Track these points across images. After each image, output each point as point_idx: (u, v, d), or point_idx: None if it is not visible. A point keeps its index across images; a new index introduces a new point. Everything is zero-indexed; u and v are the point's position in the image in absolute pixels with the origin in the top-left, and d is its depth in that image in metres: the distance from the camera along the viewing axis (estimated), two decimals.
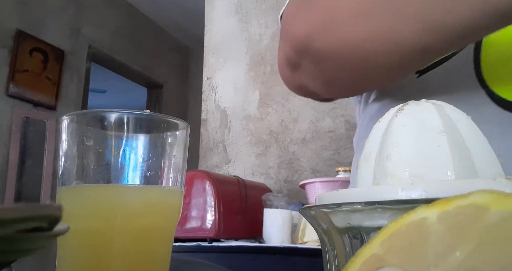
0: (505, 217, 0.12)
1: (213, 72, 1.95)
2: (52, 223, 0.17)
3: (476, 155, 0.24)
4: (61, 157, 0.31)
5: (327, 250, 0.24)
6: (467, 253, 0.13)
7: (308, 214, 0.24)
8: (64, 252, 0.30)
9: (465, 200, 0.14)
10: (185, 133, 0.33)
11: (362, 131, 0.49)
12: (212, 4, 2.04)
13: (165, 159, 0.32)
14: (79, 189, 0.31)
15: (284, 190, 1.71)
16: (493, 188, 0.14)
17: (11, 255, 0.16)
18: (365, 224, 0.21)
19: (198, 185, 1.26)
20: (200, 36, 2.19)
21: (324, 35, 0.36)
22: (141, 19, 3.80)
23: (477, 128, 0.26)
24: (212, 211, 1.22)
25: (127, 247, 0.29)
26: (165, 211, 0.32)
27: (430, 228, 0.14)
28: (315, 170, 1.67)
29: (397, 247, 0.14)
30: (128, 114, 0.31)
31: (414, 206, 0.15)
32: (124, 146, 0.31)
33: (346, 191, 0.24)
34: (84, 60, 3.15)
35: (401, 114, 0.26)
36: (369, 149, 0.27)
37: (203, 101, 1.97)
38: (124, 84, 3.97)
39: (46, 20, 2.88)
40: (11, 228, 0.15)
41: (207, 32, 2.01)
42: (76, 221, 0.27)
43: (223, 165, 1.85)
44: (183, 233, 1.23)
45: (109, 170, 0.30)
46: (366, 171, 0.27)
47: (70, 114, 0.31)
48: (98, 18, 3.31)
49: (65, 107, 2.90)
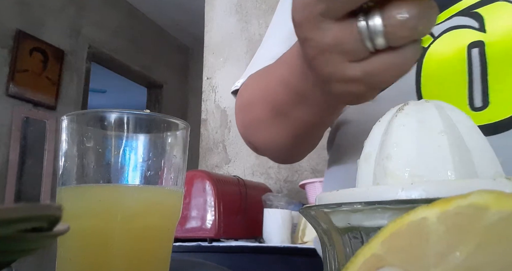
0: (505, 217, 0.12)
1: (213, 72, 1.95)
2: (52, 223, 0.17)
3: (476, 155, 0.24)
4: (61, 157, 0.31)
5: (327, 250, 0.24)
6: (467, 253, 0.13)
7: (308, 214, 0.24)
8: (64, 252, 0.30)
9: (465, 200, 0.14)
10: (185, 133, 0.33)
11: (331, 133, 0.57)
12: (212, 4, 2.04)
13: (165, 159, 0.32)
14: (79, 189, 0.31)
15: (284, 190, 1.71)
16: (493, 188, 0.14)
17: (11, 255, 0.16)
18: (365, 224, 0.21)
19: (198, 185, 1.26)
20: (200, 36, 2.19)
21: (252, 136, 0.52)
22: (141, 19, 3.80)
23: (477, 128, 0.26)
24: (212, 211, 1.22)
25: (127, 247, 0.29)
26: (165, 211, 0.32)
27: (430, 228, 0.14)
28: (315, 170, 1.67)
29: (397, 247, 0.14)
30: (128, 114, 0.31)
31: (414, 206, 0.15)
32: (124, 146, 0.31)
33: (346, 191, 0.24)
34: (84, 60, 3.15)
35: (401, 114, 0.26)
36: (369, 149, 0.27)
37: (203, 101, 1.97)
38: (124, 84, 3.97)
39: (46, 20, 2.88)
40: (11, 228, 0.15)
41: (207, 32, 2.01)
42: (76, 221, 0.27)
43: (223, 165, 1.85)
44: (183, 233, 1.23)
45: (109, 170, 0.30)
46: (366, 171, 0.27)
47: (70, 114, 0.31)
48: (98, 18, 3.31)
49: (65, 107, 2.90)
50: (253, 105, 0.51)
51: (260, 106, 0.48)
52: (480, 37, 0.40)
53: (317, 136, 0.49)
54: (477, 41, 0.40)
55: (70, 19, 3.06)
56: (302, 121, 0.42)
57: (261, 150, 0.53)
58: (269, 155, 0.55)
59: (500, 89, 0.38)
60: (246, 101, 0.53)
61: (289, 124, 0.45)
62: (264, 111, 0.47)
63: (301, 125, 0.43)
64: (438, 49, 0.42)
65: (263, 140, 0.51)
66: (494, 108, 0.37)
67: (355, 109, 0.50)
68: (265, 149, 0.52)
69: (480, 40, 0.40)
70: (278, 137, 0.47)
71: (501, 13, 0.40)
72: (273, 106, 0.45)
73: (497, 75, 0.38)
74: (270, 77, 0.47)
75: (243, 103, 0.54)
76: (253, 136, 0.52)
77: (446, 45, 0.42)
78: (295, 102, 0.41)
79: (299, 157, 0.56)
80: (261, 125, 0.49)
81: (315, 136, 0.48)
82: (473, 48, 0.40)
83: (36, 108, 2.75)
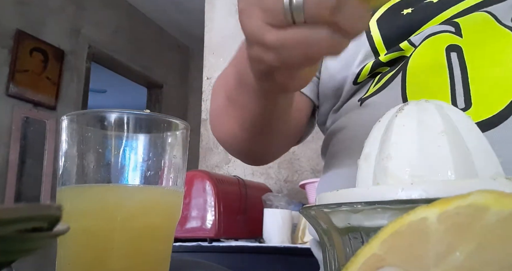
0: (505, 217, 0.12)
1: (213, 72, 1.95)
2: (52, 223, 0.17)
3: (476, 155, 0.24)
4: (61, 157, 0.31)
5: (327, 250, 0.24)
6: (467, 253, 0.13)
7: (308, 214, 0.24)
8: (64, 252, 0.30)
9: (465, 200, 0.14)
10: (185, 133, 0.33)
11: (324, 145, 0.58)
12: (212, 4, 2.04)
13: (165, 159, 0.32)
14: (79, 189, 0.31)
15: (284, 190, 1.71)
16: (493, 188, 0.14)
17: (11, 255, 0.16)
18: (365, 224, 0.21)
19: (198, 185, 1.26)
20: (200, 36, 2.19)
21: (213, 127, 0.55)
22: (141, 19, 3.80)
23: (477, 128, 0.26)
24: (212, 211, 1.22)
25: (127, 247, 0.29)
26: (165, 211, 0.32)
27: (430, 228, 0.14)
28: (315, 170, 1.67)
29: (397, 247, 0.14)
30: (128, 114, 0.31)
31: (414, 206, 0.15)
32: (124, 146, 0.31)
33: (346, 191, 0.24)
34: (84, 60, 3.15)
35: (401, 114, 0.26)
36: (369, 149, 0.27)
37: (203, 101, 1.97)
38: (124, 84, 3.97)
39: (46, 20, 2.87)
40: (11, 228, 0.15)
41: (207, 32, 2.01)
42: (76, 221, 0.27)
43: (223, 165, 1.85)
44: (183, 233, 1.23)
45: (109, 170, 0.30)
46: (366, 171, 0.27)
47: (70, 114, 0.31)
48: (98, 18, 3.31)
49: (65, 107, 2.90)
50: (215, 94, 0.54)
51: (220, 94, 0.51)
52: (457, 41, 0.42)
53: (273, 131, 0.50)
54: (455, 44, 0.42)
55: (70, 19, 3.06)
56: (248, 109, 0.44)
57: (222, 143, 0.56)
58: (231, 150, 0.56)
59: (481, 91, 0.39)
60: (213, 92, 0.56)
61: (239, 112, 0.46)
62: (222, 99, 0.50)
63: (248, 114, 0.45)
64: (420, 55, 0.44)
65: (219, 130, 0.53)
66: (476, 109, 0.39)
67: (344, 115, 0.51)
68: (225, 141, 0.54)
69: (457, 44, 0.42)
70: (232, 127, 0.50)
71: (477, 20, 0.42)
72: (225, 92, 0.48)
73: (477, 78, 0.40)
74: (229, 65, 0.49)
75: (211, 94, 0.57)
76: (214, 127, 0.55)
77: (426, 50, 0.44)
78: (238, 87, 0.43)
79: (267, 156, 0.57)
80: (218, 115, 0.52)
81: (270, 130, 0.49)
82: (451, 52, 0.42)
83: (36, 108, 2.75)
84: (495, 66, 0.40)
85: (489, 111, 0.38)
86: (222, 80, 0.52)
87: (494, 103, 0.38)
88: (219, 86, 0.53)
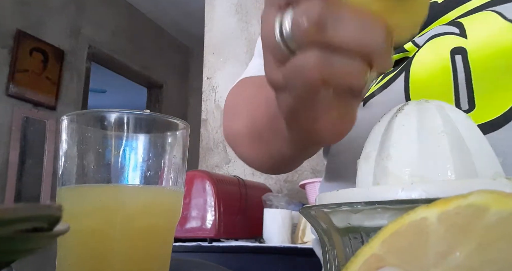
0: (505, 217, 0.12)
1: (213, 72, 1.95)
2: (52, 223, 0.17)
3: (476, 155, 0.24)
4: (61, 157, 0.31)
5: (327, 250, 0.24)
6: (467, 253, 0.13)
7: (308, 214, 0.24)
8: (64, 252, 0.30)
9: (465, 200, 0.14)
10: (185, 133, 0.33)
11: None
12: (212, 4, 2.04)
13: (165, 159, 0.32)
14: (79, 189, 0.31)
15: (284, 190, 1.71)
16: (493, 188, 0.14)
17: (11, 255, 0.16)
18: (365, 224, 0.21)
19: (198, 185, 1.26)
20: (200, 36, 2.19)
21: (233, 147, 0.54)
22: (141, 19, 3.80)
23: (477, 128, 0.26)
24: (212, 211, 1.22)
25: (127, 247, 0.29)
26: (165, 211, 0.32)
27: (430, 228, 0.14)
28: (315, 170, 1.67)
29: (397, 247, 0.14)
30: (128, 114, 0.31)
31: (414, 206, 0.15)
32: (124, 146, 0.31)
33: (346, 191, 0.24)
34: (84, 60, 3.15)
35: (401, 114, 0.26)
36: (369, 149, 0.27)
37: (203, 101, 1.97)
38: (124, 84, 3.97)
39: (46, 20, 2.87)
40: (11, 228, 0.15)
41: (207, 32, 2.01)
42: (76, 221, 0.27)
43: (223, 165, 1.85)
44: (183, 233, 1.23)
45: (109, 170, 0.30)
46: (366, 171, 0.27)
47: (70, 114, 0.31)
48: (98, 18, 3.31)
49: (65, 107, 2.90)
50: (236, 114, 0.52)
51: (243, 117, 0.49)
52: (462, 43, 0.41)
53: (298, 162, 0.50)
54: (459, 47, 0.41)
55: (70, 19, 3.06)
56: (278, 152, 0.43)
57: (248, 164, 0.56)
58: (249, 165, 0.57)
59: (485, 93, 0.39)
60: (231, 105, 0.54)
61: (266, 151, 0.45)
62: (245, 126, 0.48)
63: (277, 155, 0.44)
64: (423, 57, 0.44)
65: (241, 155, 0.54)
66: (479, 111, 0.38)
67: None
68: (244, 162, 0.55)
69: (462, 46, 0.41)
70: (255, 159, 0.50)
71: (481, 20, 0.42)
72: (253, 123, 0.46)
73: (481, 81, 0.39)
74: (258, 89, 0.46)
75: (228, 106, 0.55)
76: (234, 147, 0.55)
77: (430, 52, 0.43)
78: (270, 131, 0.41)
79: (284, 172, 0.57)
80: (240, 141, 0.51)
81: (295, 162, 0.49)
82: (456, 54, 0.41)
83: (36, 108, 2.75)
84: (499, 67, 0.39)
85: (492, 112, 0.38)
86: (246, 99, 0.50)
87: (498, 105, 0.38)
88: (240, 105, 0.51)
